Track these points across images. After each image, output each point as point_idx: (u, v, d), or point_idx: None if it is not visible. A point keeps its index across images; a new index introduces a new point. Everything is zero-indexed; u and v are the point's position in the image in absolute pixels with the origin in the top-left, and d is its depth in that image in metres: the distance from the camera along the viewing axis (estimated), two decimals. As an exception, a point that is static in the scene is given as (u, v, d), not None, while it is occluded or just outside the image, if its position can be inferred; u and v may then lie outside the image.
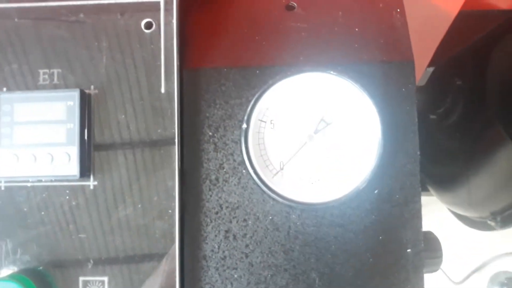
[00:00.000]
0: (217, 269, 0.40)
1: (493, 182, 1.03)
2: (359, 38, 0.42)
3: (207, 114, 0.41)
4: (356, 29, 0.42)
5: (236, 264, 0.40)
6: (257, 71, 0.41)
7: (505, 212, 1.04)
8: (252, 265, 0.40)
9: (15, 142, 0.39)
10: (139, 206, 0.39)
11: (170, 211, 0.39)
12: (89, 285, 0.39)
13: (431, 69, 0.61)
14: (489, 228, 1.16)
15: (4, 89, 0.41)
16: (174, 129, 0.40)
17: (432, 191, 1.28)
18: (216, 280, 0.40)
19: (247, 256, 0.40)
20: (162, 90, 0.40)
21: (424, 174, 1.24)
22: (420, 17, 0.48)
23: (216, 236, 0.40)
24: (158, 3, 0.41)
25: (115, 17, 0.41)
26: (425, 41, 0.55)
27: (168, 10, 0.41)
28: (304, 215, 0.40)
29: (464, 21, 0.53)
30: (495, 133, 0.94)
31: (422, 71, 0.61)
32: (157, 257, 0.39)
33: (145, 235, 0.39)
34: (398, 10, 0.43)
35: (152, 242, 0.39)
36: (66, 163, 0.39)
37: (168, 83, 0.40)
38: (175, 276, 0.39)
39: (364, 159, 0.40)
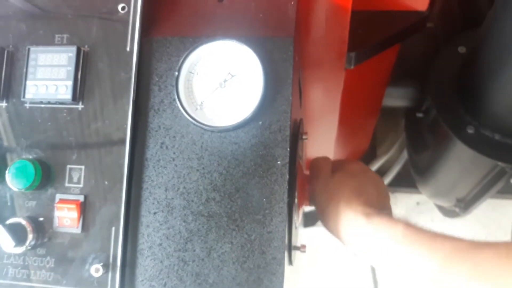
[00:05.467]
0: (153, 167, 0.61)
1: (453, 173, 1.17)
2: (260, 20, 0.62)
3: (156, 66, 0.63)
4: (261, 15, 0.62)
5: (166, 165, 0.61)
6: (190, 39, 0.62)
7: (466, 197, 1.17)
8: (176, 166, 0.61)
9: (37, 77, 0.63)
10: (106, 121, 0.61)
11: (125, 126, 0.61)
12: (73, 171, 0.62)
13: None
14: (456, 214, 1.28)
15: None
16: (132, 73, 0.61)
17: (417, 185, 1.41)
18: (153, 174, 0.61)
19: (173, 160, 0.61)
20: (127, 49, 0.62)
21: (411, 166, 1.39)
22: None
23: (155, 146, 0.62)
24: (131, -6, 0.63)
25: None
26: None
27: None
28: (213, 135, 0.60)
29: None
30: (445, 132, 1.08)
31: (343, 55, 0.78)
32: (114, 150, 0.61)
33: (105, 140, 0.61)
34: (292, 2, 0.63)
35: (109, 147, 0.61)
36: (64, 92, 0.62)
37: (131, 44, 0.62)
38: (124, 168, 0.60)
39: (254, 101, 0.59)
